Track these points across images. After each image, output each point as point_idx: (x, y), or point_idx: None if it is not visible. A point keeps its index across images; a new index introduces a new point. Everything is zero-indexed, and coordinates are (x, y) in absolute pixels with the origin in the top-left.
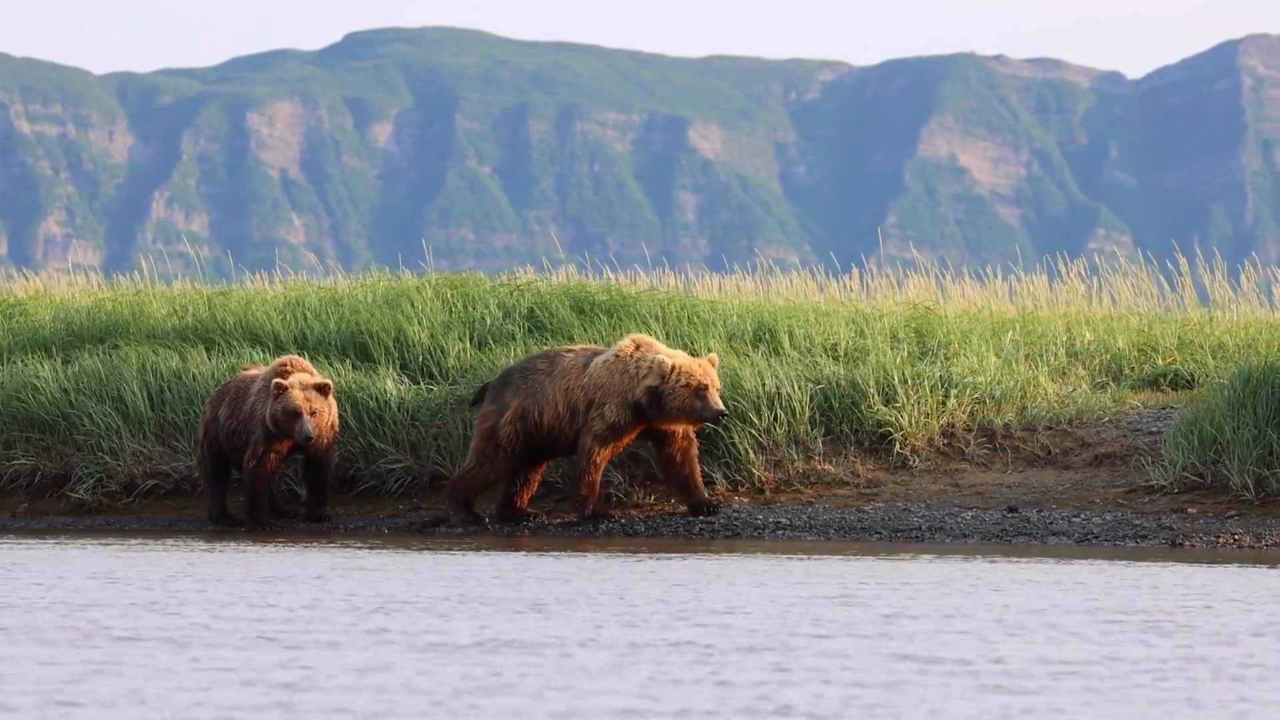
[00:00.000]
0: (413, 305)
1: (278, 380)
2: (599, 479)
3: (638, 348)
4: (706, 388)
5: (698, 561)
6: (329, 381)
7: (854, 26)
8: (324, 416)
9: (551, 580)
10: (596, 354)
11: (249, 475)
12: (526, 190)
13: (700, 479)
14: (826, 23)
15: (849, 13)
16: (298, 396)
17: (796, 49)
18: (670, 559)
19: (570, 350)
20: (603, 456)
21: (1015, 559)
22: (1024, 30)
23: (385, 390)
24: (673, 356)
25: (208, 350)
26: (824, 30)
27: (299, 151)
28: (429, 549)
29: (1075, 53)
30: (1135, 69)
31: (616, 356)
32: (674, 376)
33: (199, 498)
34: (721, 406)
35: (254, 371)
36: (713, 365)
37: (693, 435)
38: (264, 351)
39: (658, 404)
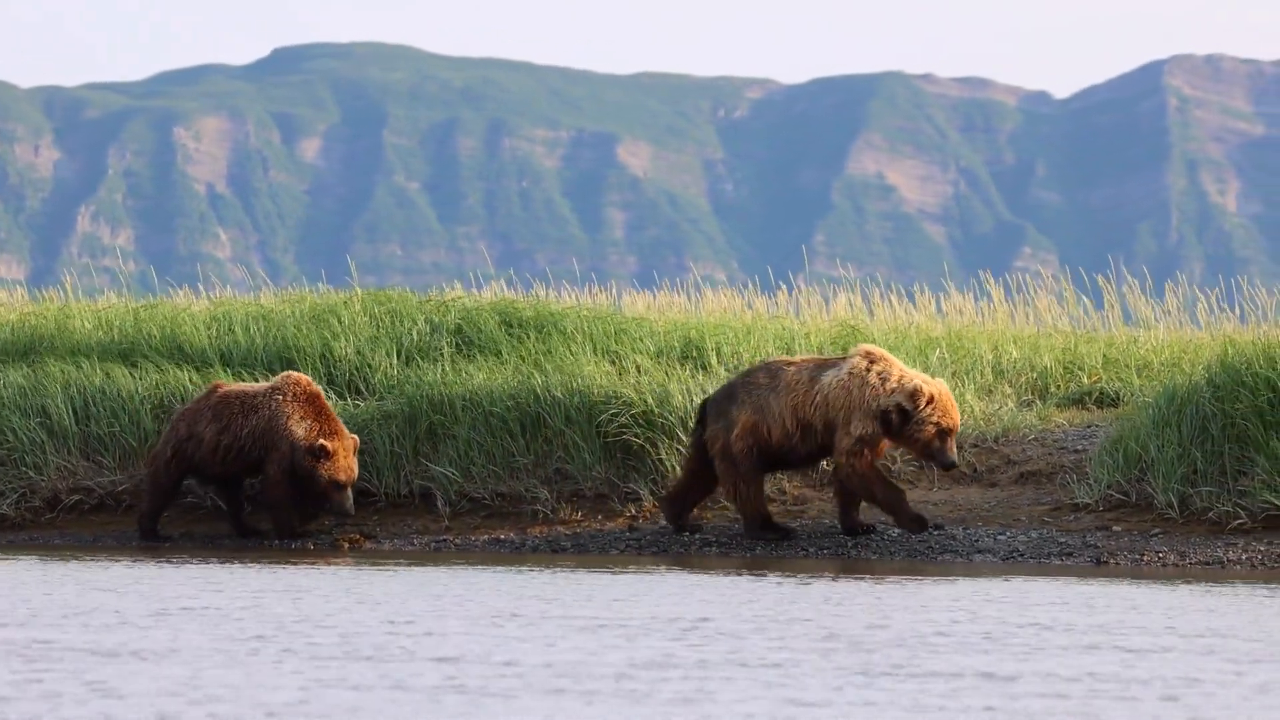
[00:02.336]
0: (340, 321)
1: (324, 444)
2: (889, 490)
3: (873, 361)
4: (951, 431)
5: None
6: (357, 439)
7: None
8: (355, 475)
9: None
10: (820, 366)
11: (273, 491)
12: (454, 206)
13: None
14: (755, 41)
15: (778, 31)
16: (343, 469)
17: (725, 67)
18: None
19: (790, 363)
20: (867, 466)
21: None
22: (952, 49)
23: None
24: (925, 380)
25: (132, 365)
26: (753, 48)
27: (226, 166)
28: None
29: (1002, 72)
30: (1062, 88)
31: (850, 374)
32: (928, 408)
33: (124, 513)
34: (955, 457)
35: (236, 388)
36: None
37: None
38: (190, 367)
39: (902, 424)
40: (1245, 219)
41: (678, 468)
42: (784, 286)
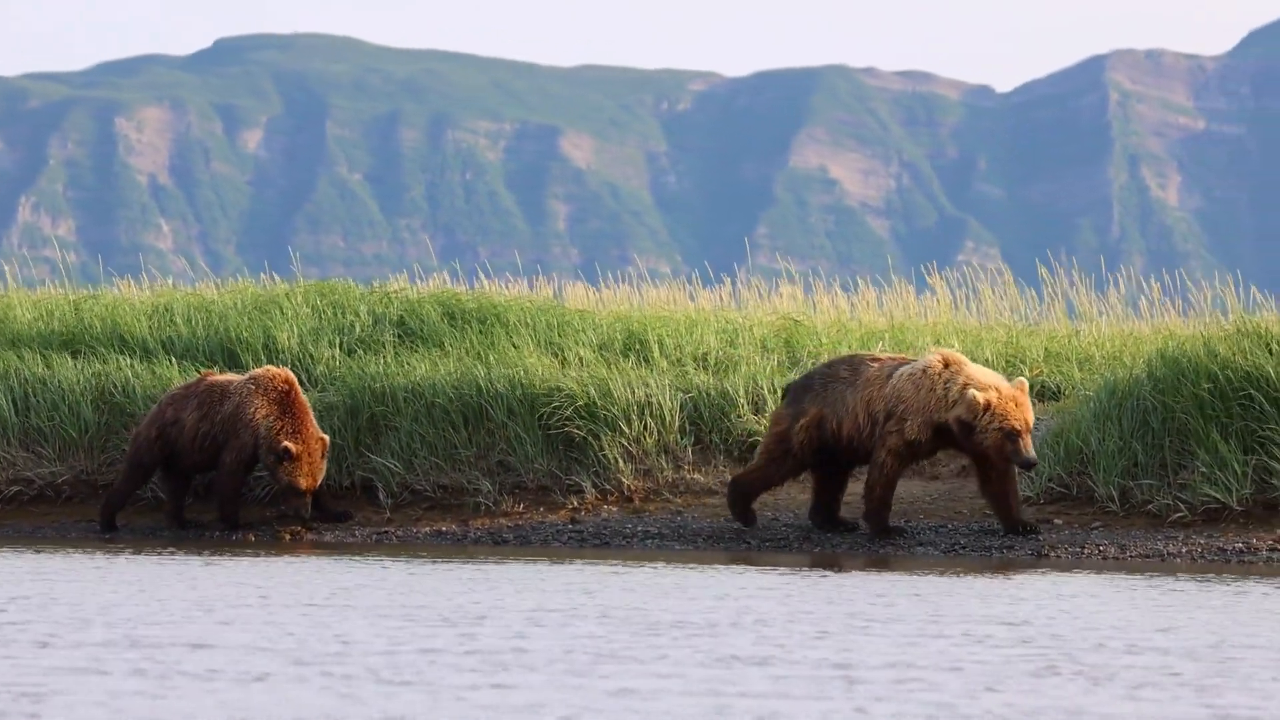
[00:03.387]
0: (282, 312)
1: (289, 446)
2: (890, 495)
3: (947, 366)
4: (1020, 433)
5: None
6: (327, 438)
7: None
8: (319, 484)
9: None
10: (901, 364)
11: (225, 481)
12: (397, 198)
13: (1017, 497)
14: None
15: (721, 24)
16: (304, 475)
17: (668, 59)
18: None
19: (875, 360)
20: (895, 472)
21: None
22: (894, 43)
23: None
24: (985, 387)
25: (74, 356)
26: (696, 41)
27: (168, 157)
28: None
29: (945, 66)
30: (1004, 83)
31: (924, 373)
32: (986, 416)
33: (63, 504)
34: (1034, 455)
35: (222, 378)
36: (1022, 391)
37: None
38: (132, 357)
39: (967, 436)
40: (1186, 213)
41: (620, 460)
42: (727, 279)
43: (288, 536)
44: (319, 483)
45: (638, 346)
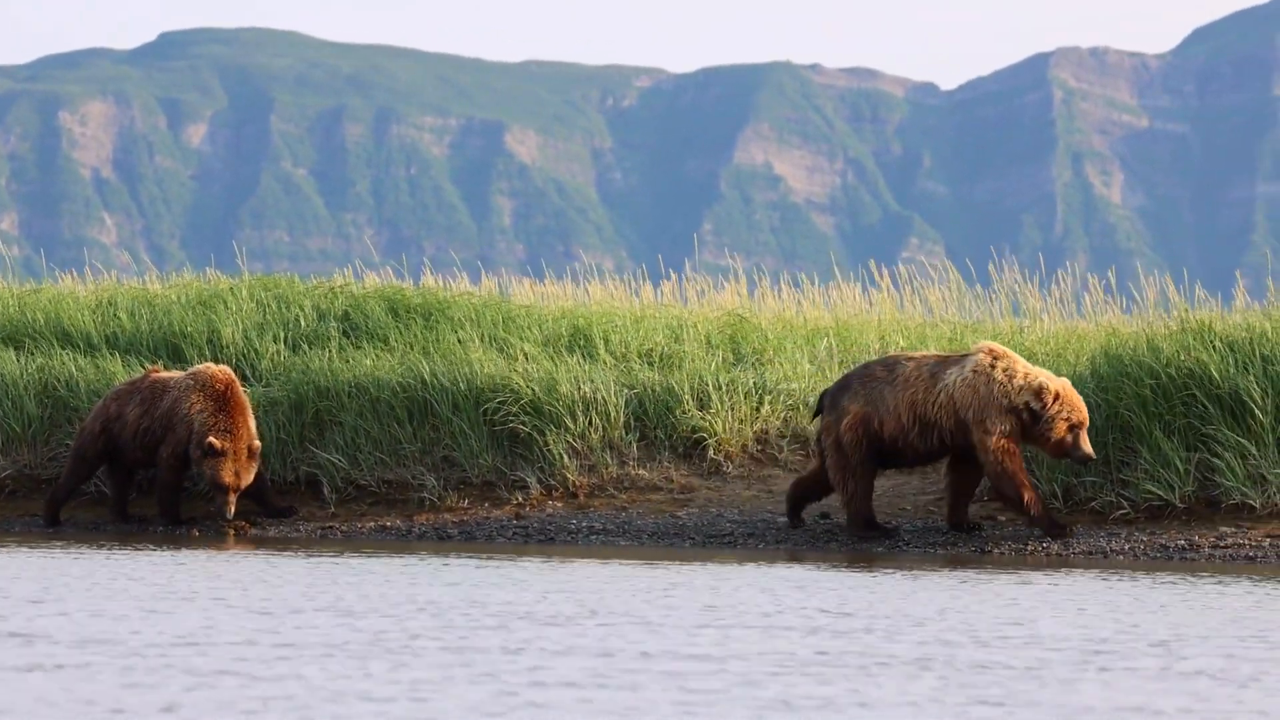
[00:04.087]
0: (226, 307)
1: (213, 441)
2: (1031, 491)
3: (995, 359)
4: (1081, 425)
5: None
6: (258, 444)
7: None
8: (248, 480)
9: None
10: (941, 363)
11: (163, 476)
12: (342, 193)
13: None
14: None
15: (666, 20)
16: (228, 471)
17: (614, 55)
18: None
19: (910, 358)
20: (1016, 464)
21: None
22: (840, 40)
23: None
24: (1049, 377)
25: (17, 350)
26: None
27: (111, 151)
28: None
29: (890, 63)
30: (949, 80)
31: (975, 372)
32: (1056, 405)
33: (6, 499)
34: (1091, 450)
35: (166, 375)
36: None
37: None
38: (76, 351)
39: (1033, 423)
40: (1129, 211)
41: (565, 456)
42: (672, 276)
43: (232, 532)
44: (243, 483)
45: (583, 342)
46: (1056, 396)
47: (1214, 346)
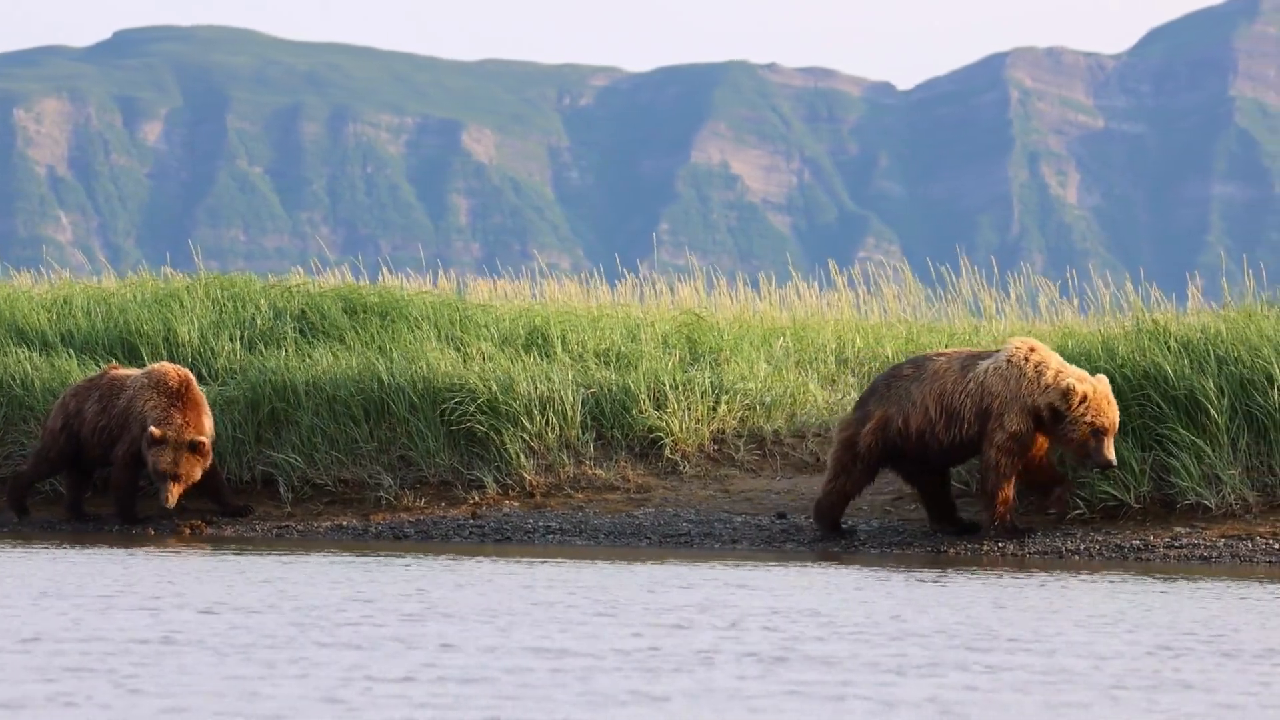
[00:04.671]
0: (182, 305)
1: (152, 431)
2: (1010, 491)
3: (1031, 351)
4: (1106, 431)
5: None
6: (205, 440)
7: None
8: (190, 479)
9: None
10: (973, 357)
11: (117, 474)
12: (298, 192)
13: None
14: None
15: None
16: (166, 459)
17: (570, 54)
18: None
19: (941, 354)
20: (1010, 467)
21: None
22: (796, 39)
23: None
24: (1080, 379)
25: None
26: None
27: (67, 149)
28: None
29: (846, 63)
30: (905, 80)
31: (1009, 362)
32: (1080, 407)
33: None
34: (1113, 457)
35: (124, 372)
36: (1106, 387)
37: None
38: (31, 350)
39: (1055, 423)
40: (1085, 211)
41: (521, 455)
42: (629, 274)
43: (187, 531)
44: (182, 472)
45: (540, 341)
46: (1083, 399)
47: (1169, 347)
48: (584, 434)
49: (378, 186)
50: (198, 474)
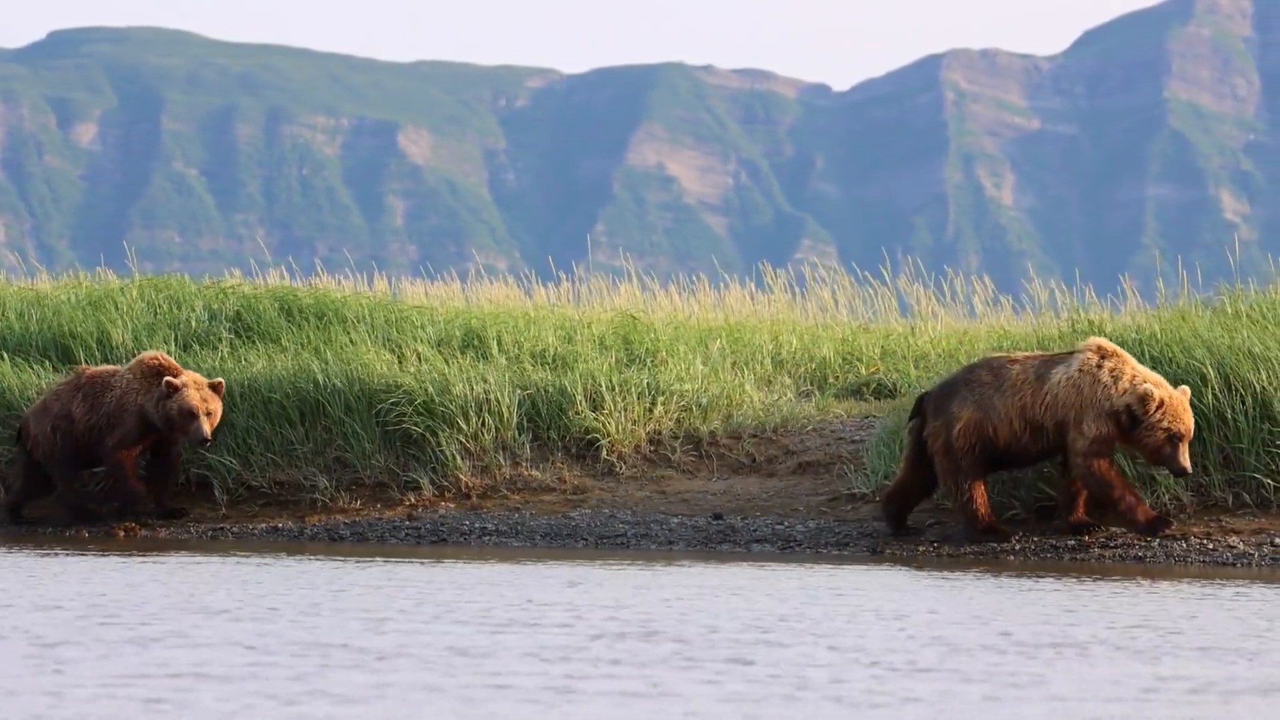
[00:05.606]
0: (116, 307)
1: (170, 380)
2: (1127, 493)
3: (1104, 358)
4: (1183, 437)
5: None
6: (221, 380)
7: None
8: (217, 417)
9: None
10: (1047, 363)
11: (111, 461)
12: (233, 193)
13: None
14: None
15: (558, 20)
16: (193, 396)
17: (506, 56)
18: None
19: (1014, 360)
20: (1104, 467)
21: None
22: (732, 41)
23: None
24: (1158, 384)
25: None
26: (534, 37)
27: (0, 151)
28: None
29: (782, 64)
30: (841, 81)
31: (1081, 371)
32: (1158, 413)
33: None
34: (1189, 464)
35: (103, 369)
36: (1186, 397)
37: None
38: None
39: (1131, 425)
40: (1020, 212)
41: (457, 457)
42: (565, 276)
43: (121, 533)
44: (212, 409)
45: (476, 343)
46: (1160, 404)
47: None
48: (520, 435)
49: (313, 188)
50: (219, 411)
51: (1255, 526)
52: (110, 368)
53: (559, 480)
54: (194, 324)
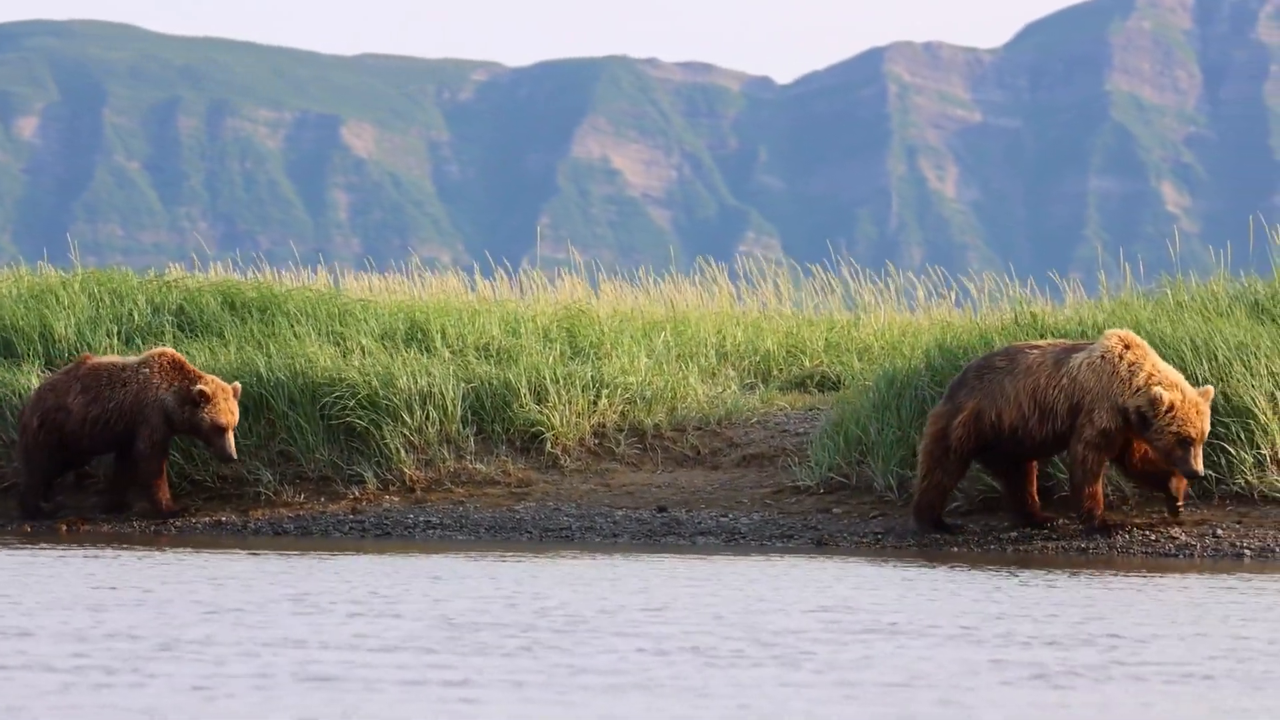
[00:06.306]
0: (59, 301)
1: (203, 389)
2: (1100, 488)
3: (1127, 348)
4: (1193, 441)
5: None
6: (239, 384)
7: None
8: (234, 425)
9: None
10: (1067, 350)
11: (146, 466)
12: (176, 187)
13: (1183, 485)
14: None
15: (502, 14)
16: (225, 410)
17: (450, 49)
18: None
19: (1034, 347)
20: (1099, 463)
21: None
22: (676, 34)
23: (30, 387)
24: (1171, 385)
25: None
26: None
27: None
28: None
29: (726, 57)
30: (784, 74)
31: (1103, 358)
32: (1167, 416)
33: None
34: (1201, 467)
35: (106, 360)
36: (1206, 399)
37: None
38: None
39: (1141, 426)
40: (963, 205)
41: (402, 450)
42: (509, 269)
43: (64, 528)
44: (235, 420)
45: (420, 336)
46: (1170, 408)
47: (1045, 339)
48: (464, 429)
49: (257, 182)
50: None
51: (1197, 518)
52: (115, 359)
53: (503, 473)
54: (137, 318)
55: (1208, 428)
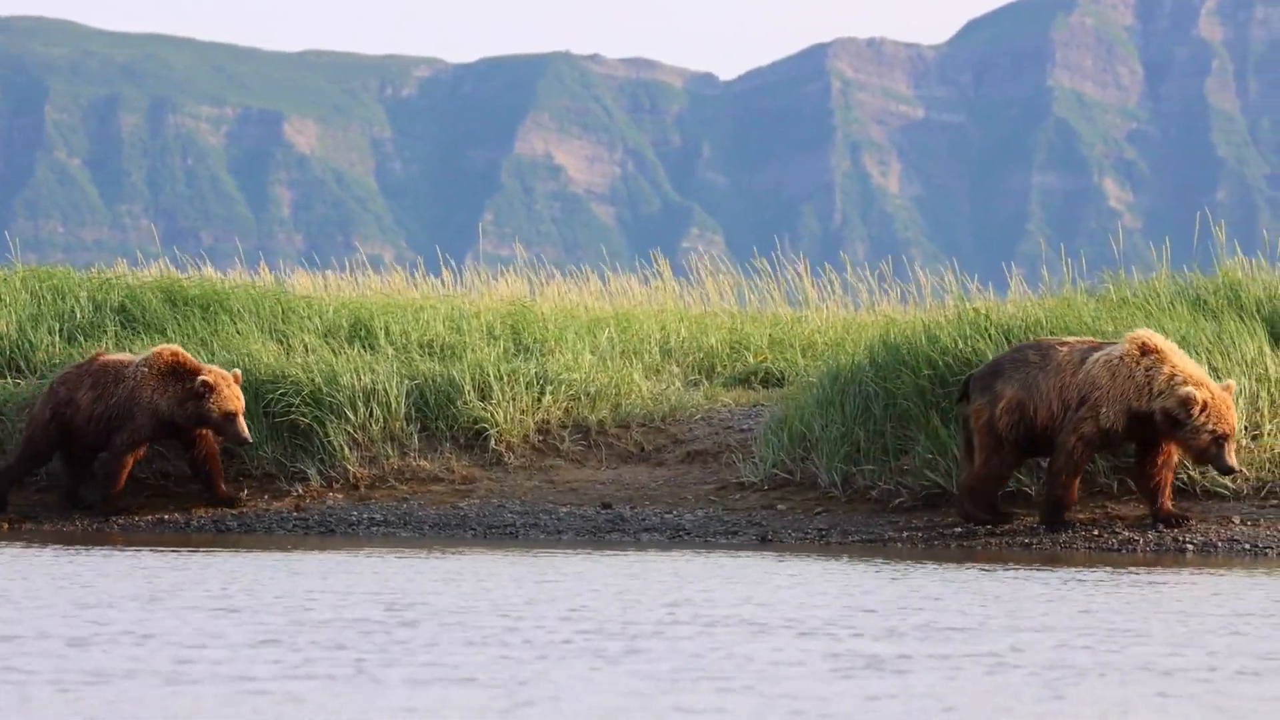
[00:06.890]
0: (0, 298)
1: (205, 379)
2: (1075, 484)
3: (1145, 353)
4: (1227, 438)
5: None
6: (239, 371)
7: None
8: (242, 410)
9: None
10: (1093, 349)
11: (114, 462)
12: (117, 183)
13: (1169, 488)
14: (423, 20)
15: (445, 10)
16: (231, 395)
17: (393, 45)
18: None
19: (1064, 344)
20: (1083, 460)
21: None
22: (619, 30)
23: None
24: (1198, 383)
25: None
26: (420, 27)
27: None
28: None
29: (669, 54)
30: (727, 71)
31: (1121, 359)
32: (1201, 415)
33: None
34: (1235, 463)
35: (115, 357)
36: (1229, 393)
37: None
38: None
39: (1171, 430)
40: (906, 200)
41: (346, 447)
42: (454, 265)
43: (6, 526)
44: (242, 405)
45: (364, 333)
46: (1204, 407)
47: (990, 335)
48: (408, 425)
49: (198, 178)
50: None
51: (1140, 513)
52: (124, 356)
53: (447, 470)
54: (79, 315)
55: (1236, 421)
